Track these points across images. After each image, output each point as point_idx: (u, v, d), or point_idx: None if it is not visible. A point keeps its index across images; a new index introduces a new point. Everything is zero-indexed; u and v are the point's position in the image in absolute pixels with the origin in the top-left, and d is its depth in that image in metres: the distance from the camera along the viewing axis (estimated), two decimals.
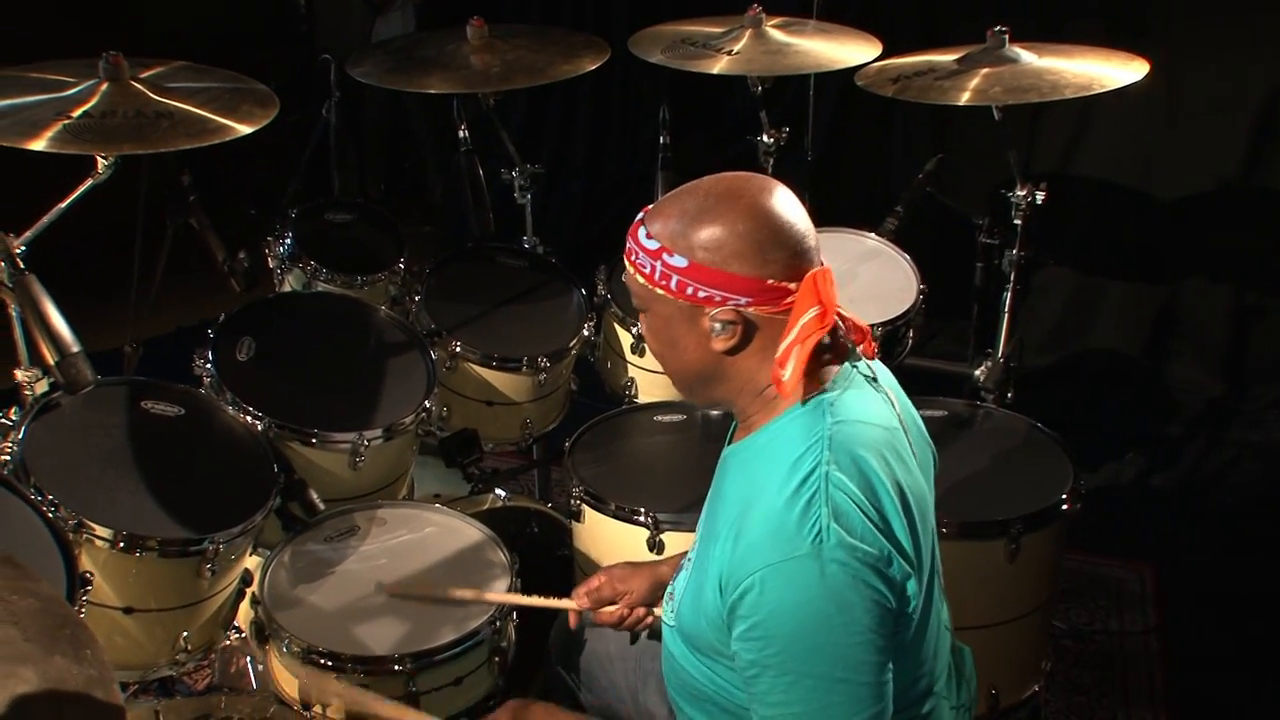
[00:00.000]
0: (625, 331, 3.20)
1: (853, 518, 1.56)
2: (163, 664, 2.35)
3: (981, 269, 3.67)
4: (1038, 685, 2.80)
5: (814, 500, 1.56)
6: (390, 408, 2.72)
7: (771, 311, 1.63)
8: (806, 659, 1.54)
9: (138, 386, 2.51)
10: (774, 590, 1.54)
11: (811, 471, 1.58)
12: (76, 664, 1.39)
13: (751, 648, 1.58)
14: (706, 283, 1.61)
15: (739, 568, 1.58)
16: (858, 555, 1.54)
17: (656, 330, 1.72)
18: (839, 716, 1.56)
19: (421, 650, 2.21)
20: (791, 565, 1.53)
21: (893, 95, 2.96)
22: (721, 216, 1.62)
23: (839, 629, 1.53)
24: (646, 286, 1.67)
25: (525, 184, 3.51)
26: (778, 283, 1.61)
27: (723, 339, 1.64)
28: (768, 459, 1.65)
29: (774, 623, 1.55)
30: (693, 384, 1.76)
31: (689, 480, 2.70)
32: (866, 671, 1.56)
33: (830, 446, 1.60)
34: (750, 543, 1.58)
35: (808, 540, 1.53)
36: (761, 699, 1.60)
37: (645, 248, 1.66)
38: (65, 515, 2.13)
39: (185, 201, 2.81)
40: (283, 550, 2.46)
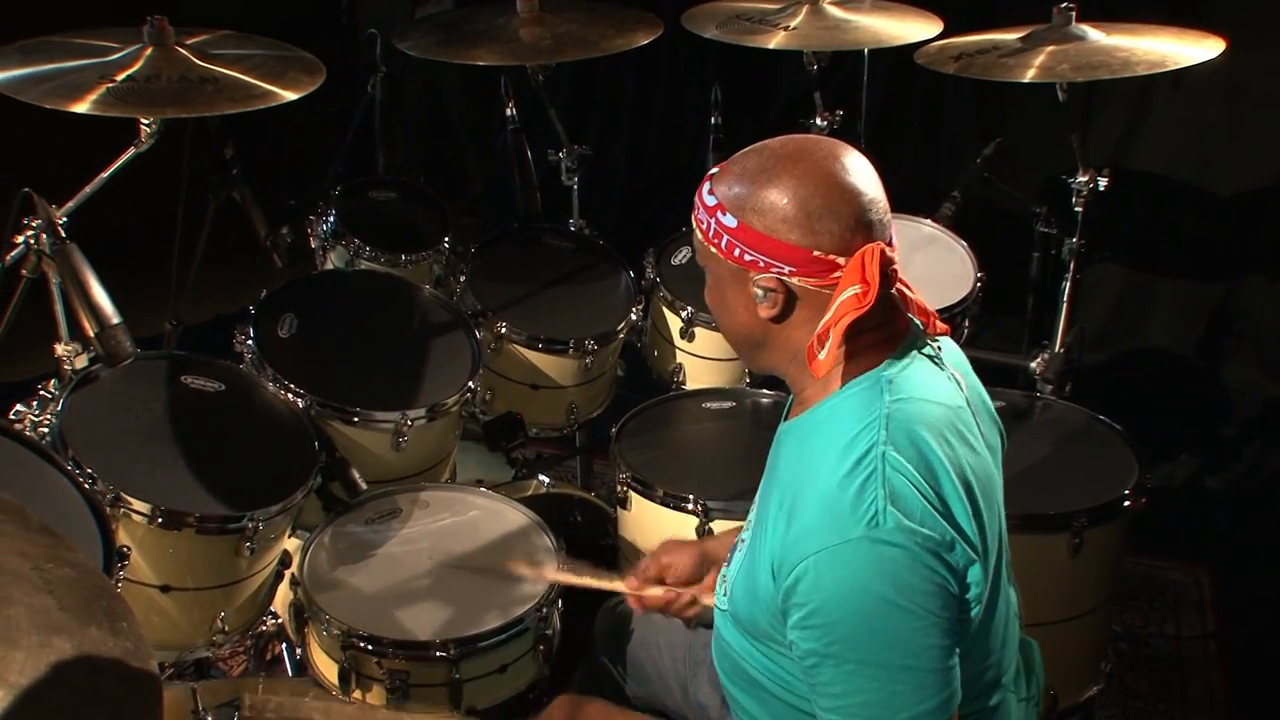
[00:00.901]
0: (674, 315, 3.13)
1: (911, 500, 1.48)
2: (200, 645, 2.30)
3: (1038, 259, 3.57)
4: (1097, 687, 2.70)
5: (869, 482, 1.48)
6: (434, 388, 2.65)
7: (817, 284, 1.55)
8: (867, 647, 1.46)
9: (178, 361, 2.47)
10: (828, 576, 1.47)
11: (867, 452, 1.51)
12: (112, 636, 1.34)
13: (809, 636, 1.50)
14: (752, 246, 1.55)
15: (791, 552, 1.50)
16: (916, 539, 1.46)
17: (711, 288, 1.68)
18: (905, 705, 1.47)
19: (465, 636, 2.15)
20: (846, 549, 1.46)
21: (955, 73, 2.86)
22: (778, 179, 1.55)
23: (899, 614, 1.45)
24: (703, 243, 1.62)
25: (572, 165, 3.43)
26: (825, 255, 1.53)
27: (765, 306, 1.58)
28: (822, 438, 1.57)
29: (830, 610, 1.47)
30: (742, 348, 1.72)
31: (739, 468, 2.63)
32: (932, 657, 1.47)
33: (887, 426, 1.53)
34: (803, 526, 1.50)
35: (862, 523, 1.46)
36: (823, 689, 1.52)
37: (705, 204, 1.60)
38: (103, 489, 2.08)
39: (228, 175, 2.75)
40: (323, 531, 2.40)
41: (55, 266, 2.22)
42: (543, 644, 2.27)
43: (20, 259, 2.26)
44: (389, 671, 2.13)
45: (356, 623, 2.15)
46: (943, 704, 1.49)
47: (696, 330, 3.09)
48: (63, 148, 2.74)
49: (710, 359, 3.14)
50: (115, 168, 2.40)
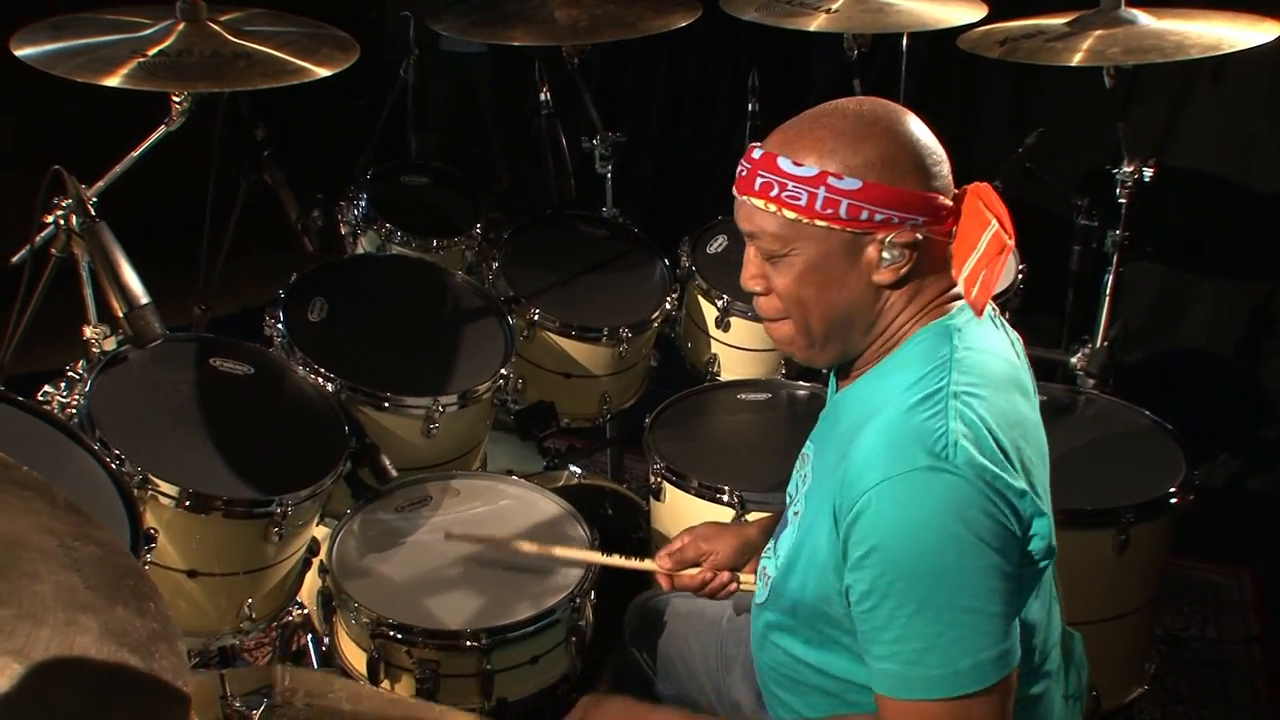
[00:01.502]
0: (710, 304, 3.07)
1: (981, 440, 1.42)
2: (226, 632, 2.26)
3: (1078, 252, 3.50)
4: (1141, 689, 2.64)
5: (938, 415, 1.42)
6: (466, 374, 2.60)
7: (938, 232, 1.51)
8: (929, 584, 1.39)
9: (206, 344, 2.43)
10: (892, 507, 1.39)
11: (936, 390, 1.45)
12: (139, 616, 1.29)
13: (867, 576, 1.42)
14: (885, 203, 1.47)
15: (852, 488, 1.43)
16: (986, 476, 1.39)
17: (803, 273, 1.53)
18: (966, 651, 1.40)
19: (497, 626, 2.10)
20: (912, 478, 1.39)
21: (999, 58, 2.79)
22: (886, 133, 1.50)
23: (966, 551, 1.38)
24: (799, 222, 1.49)
25: (606, 153, 3.38)
26: (944, 199, 1.51)
27: (892, 268, 1.51)
28: (886, 383, 1.52)
29: (893, 544, 1.39)
30: (832, 334, 1.57)
31: (776, 460, 2.58)
32: (996, 601, 1.40)
33: (959, 369, 1.48)
34: (864, 458, 1.43)
35: (933, 452, 1.39)
36: (878, 635, 1.44)
37: (798, 176, 1.49)
38: (130, 471, 2.04)
39: (259, 158, 2.70)
40: (352, 518, 2.36)
41: (85, 245, 2.19)
42: (575, 635, 2.22)
43: (50, 239, 2.23)
44: (419, 661, 2.09)
45: (386, 611, 2.11)
46: (1003, 655, 1.42)
47: (732, 320, 3.04)
48: (94, 128, 2.71)
49: (746, 349, 3.09)
50: (146, 146, 2.36)
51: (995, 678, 1.41)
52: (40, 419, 1.98)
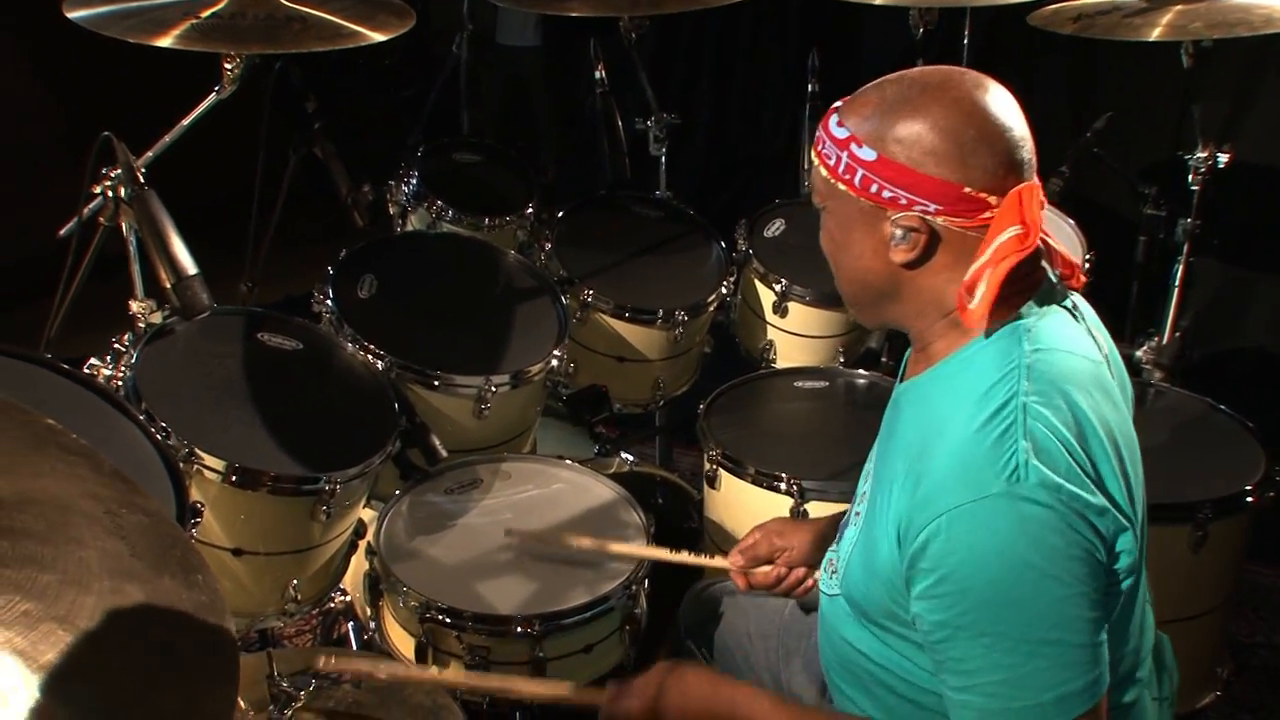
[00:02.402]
0: (767, 289, 2.99)
1: (1056, 455, 1.33)
2: (270, 613, 2.20)
3: (1144, 243, 3.39)
4: (1214, 694, 2.54)
5: (1009, 433, 1.34)
6: (519, 354, 2.54)
7: (963, 225, 1.41)
8: (1006, 617, 1.31)
9: (254, 318, 2.37)
10: (962, 536, 1.32)
11: (1006, 402, 1.36)
12: (186, 588, 1.24)
13: (938, 606, 1.35)
14: (894, 181, 1.41)
15: (920, 512, 1.36)
16: (1062, 497, 1.31)
17: (831, 231, 1.53)
18: (1049, 684, 1.32)
19: (550, 612, 2.03)
20: (983, 506, 1.31)
21: (1072, 34, 2.69)
22: (924, 109, 1.41)
23: (1043, 580, 1.30)
24: (828, 180, 1.47)
25: (661, 135, 3.30)
26: (976, 193, 1.40)
27: (902, 249, 1.44)
28: (952, 391, 1.43)
29: (964, 574, 1.32)
30: (863, 299, 1.56)
31: (834, 449, 2.52)
32: (1079, 631, 1.32)
33: (1029, 376, 1.38)
34: (933, 483, 1.36)
35: (1002, 477, 1.31)
36: (954, 667, 1.36)
37: (834, 136, 1.46)
38: (176, 444, 1.98)
39: (310, 130, 2.64)
40: (400, 500, 2.30)
41: (133, 214, 2.13)
42: (629, 624, 2.15)
43: (99, 209, 2.18)
44: (469, 647, 2.02)
45: (435, 594, 2.04)
46: (1090, 685, 1.33)
47: (790, 305, 2.97)
48: (144, 98, 2.66)
49: (803, 336, 3.01)
50: (197, 114, 2.31)
51: (1084, 707, 1.33)
52: (86, 388, 1.92)
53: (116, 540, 1.22)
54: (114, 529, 1.23)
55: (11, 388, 1.87)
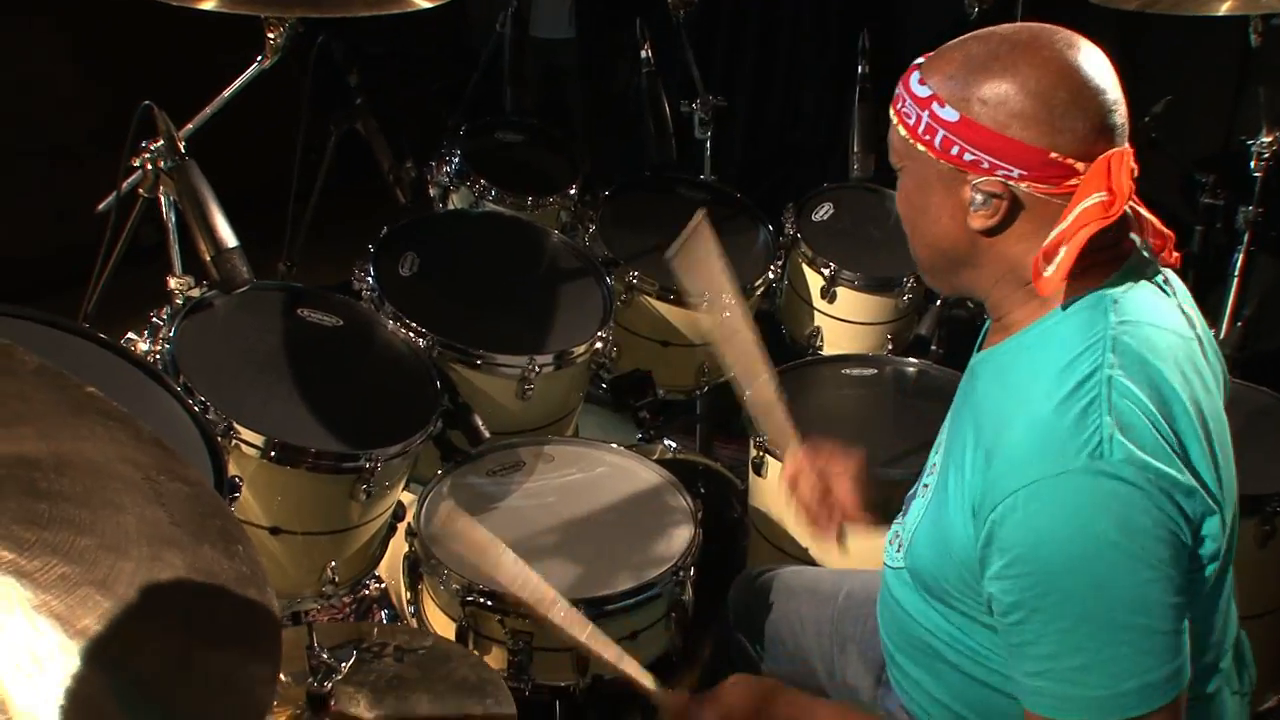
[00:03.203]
0: (815, 274, 2.93)
1: (1142, 431, 1.26)
2: (308, 595, 2.16)
3: (1201, 232, 3.30)
4: None
5: (1092, 407, 1.26)
6: (563, 334, 2.49)
7: (1048, 192, 1.34)
8: (1085, 599, 1.24)
9: (294, 293, 2.33)
10: (1040, 513, 1.25)
11: (1090, 375, 1.29)
12: (227, 558, 1.18)
13: (1012, 587, 1.28)
14: (977, 144, 1.34)
15: (995, 487, 1.29)
16: (1148, 475, 1.23)
17: (909, 193, 1.46)
18: (1129, 673, 1.25)
19: (596, 597, 1.96)
20: (1062, 482, 1.24)
21: (1136, 9, 2.60)
22: (1012, 69, 1.33)
23: (1125, 561, 1.23)
24: (907, 140, 1.41)
25: (706, 117, 3.24)
26: (1063, 158, 1.33)
27: (982, 215, 1.37)
28: (1031, 362, 1.37)
29: (1041, 554, 1.25)
30: (937, 265, 1.49)
31: (884, 437, 2.45)
32: (1161, 617, 1.25)
33: (1115, 349, 1.31)
34: (1010, 457, 1.29)
35: (1084, 453, 1.24)
36: (1027, 651, 1.29)
37: (915, 94, 1.39)
38: (214, 418, 1.93)
39: (352, 105, 2.60)
40: (442, 481, 2.25)
41: (173, 185, 2.09)
42: (676, 611, 2.09)
43: (137, 184, 2.14)
44: (511, 632, 1.97)
45: (477, 577, 1.98)
46: (1172, 675, 1.26)
47: (839, 290, 2.90)
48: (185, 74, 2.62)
49: (851, 322, 2.94)
50: (238, 84, 2.28)
51: (1165, 699, 1.26)
52: (124, 359, 1.88)
53: (156, 507, 1.17)
54: (153, 496, 1.18)
55: (48, 356, 1.83)
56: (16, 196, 3.90)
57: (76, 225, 2.36)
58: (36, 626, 0.95)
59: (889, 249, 3.00)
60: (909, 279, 2.90)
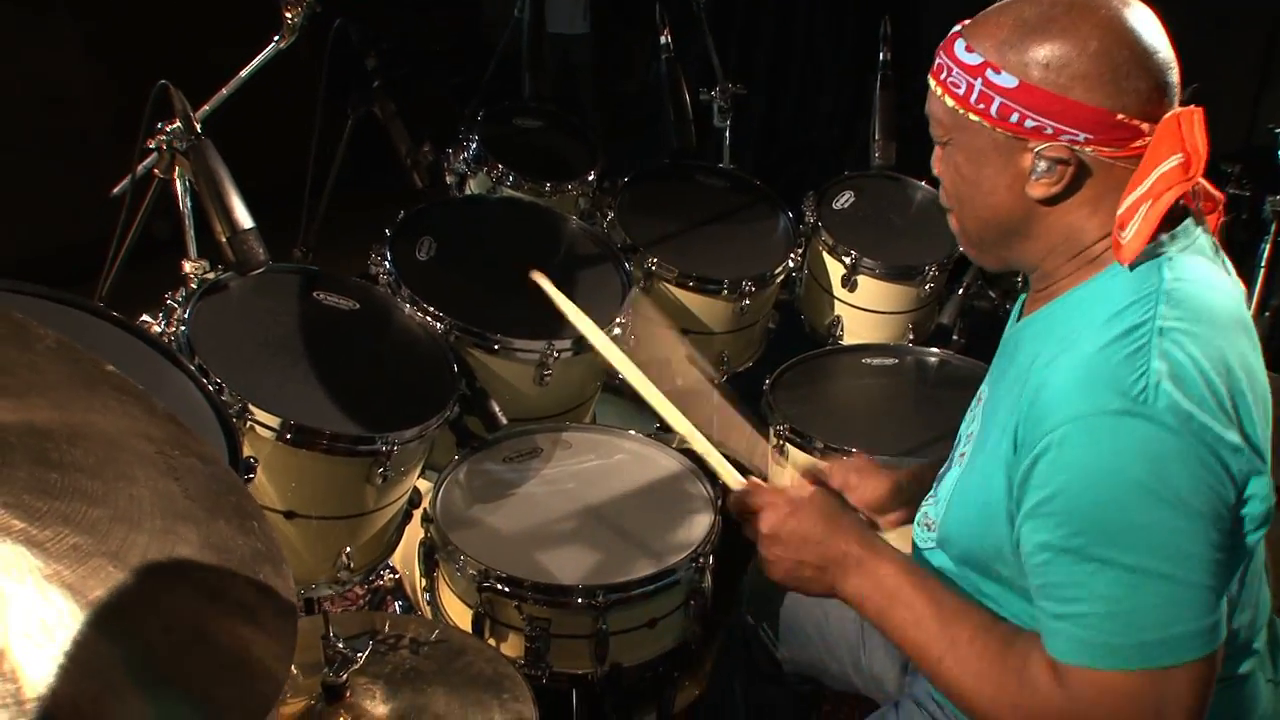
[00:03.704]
0: (836, 262, 2.89)
1: (1191, 383, 1.21)
2: (322, 581, 2.12)
3: (1227, 224, 3.24)
4: None
5: (1141, 352, 1.22)
6: None
7: (1113, 155, 1.30)
8: (1116, 542, 1.20)
9: (310, 276, 2.30)
10: (1077, 451, 1.21)
11: (1141, 324, 1.25)
12: (242, 534, 1.16)
13: (1044, 525, 1.24)
14: (1039, 109, 1.29)
15: (1037, 424, 1.24)
16: (1193, 426, 1.19)
17: (958, 166, 1.40)
18: (1155, 624, 1.20)
19: (615, 583, 1.94)
20: (1104, 421, 1.20)
21: None
22: (1071, 30, 1.29)
23: (1160, 508, 1.18)
24: (956, 111, 1.36)
25: (725, 105, 3.21)
26: (1129, 119, 1.28)
27: (1044, 182, 1.33)
28: (1082, 314, 1.33)
29: (1076, 492, 1.21)
30: (988, 238, 1.44)
31: (905, 427, 2.42)
32: (1194, 568, 1.20)
33: (1169, 302, 1.26)
34: (1053, 396, 1.24)
35: (1129, 395, 1.19)
36: (1053, 593, 1.25)
37: (962, 62, 1.34)
38: (230, 400, 1.90)
39: (369, 88, 2.56)
40: (458, 467, 2.22)
41: (189, 165, 2.07)
42: (695, 599, 2.05)
43: (153, 165, 2.12)
44: (529, 618, 1.94)
45: (494, 563, 1.96)
46: (1200, 633, 1.21)
47: (860, 279, 2.86)
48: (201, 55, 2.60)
49: (872, 311, 2.91)
50: (255, 64, 2.25)
51: (1191, 655, 1.21)
52: (140, 339, 1.85)
53: (170, 481, 1.15)
54: (167, 470, 1.16)
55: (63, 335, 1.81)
56: (29, 189, 3.88)
57: (90, 219, 2.34)
58: (47, 596, 0.92)
59: (911, 237, 2.97)
60: (931, 267, 2.86)
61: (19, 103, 3.88)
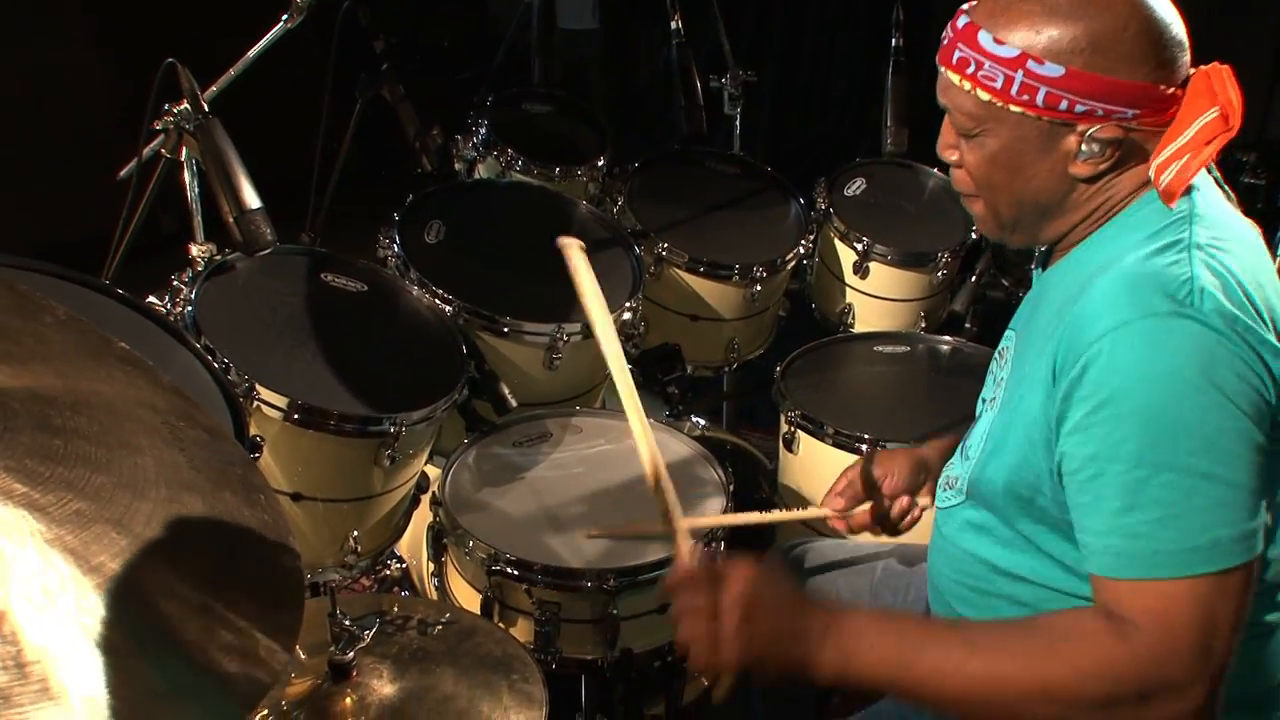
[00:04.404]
0: (848, 248, 2.86)
1: (1231, 289, 1.23)
2: (329, 565, 2.10)
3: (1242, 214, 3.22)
4: None
5: (1181, 262, 1.24)
6: None
7: (1155, 124, 1.31)
8: (1167, 443, 1.19)
9: (318, 258, 2.28)
10: (1128, 354, 1.21)
11: (1178, 240, 1.28)
12: (248, 505, 1.14)
13: (1092, 437, 1.23)
14: (1089, 94, 1.30)
15: (1081, 336, 1.25)
16: (1238, 327, 1.20)
17: (994, 156, 1.39)
18: (1205, 526, 1.20)
19: (625, 566, 1.91)
20: (1151, 324, 1.21)
21: None
22: (1105, 12, 1.30)
23: (1211, 407, 1.19)
24: (993, 104, 1.35)
25: (736, 93, 3.18)
26: (1169, 89, 1.30)
27: (1092, 162, 1.34)
28: (1114, 243, 1.35)
29: (1126, 396, 1.20)
30: (1024, 220, 1.44)
31: (917, 414, 2.40)
32: (1243, 470, 1.20)
33: (1200, 223, 1.29)
34: (1097, 307, 1.25)
35: (1177, 297, 1.21)
36: (1099, 507, 1.24)
37: (995, 55, 1.33)
38: (236, 379, 1.88)
39: (378, 71, 2.54)
40: (467, 451, 2.20)
41: (196, 146, 2.05)
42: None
43: (160, 146, 2.11)
44: (538, 602, 1.92)
45: (503, 546, 1.93)
46: (1243, 537, 1.20)
47: (871, 265, 2.84)
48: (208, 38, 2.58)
49: (884, 299, 2.88)
50: (261, 45, 2.23)
51: (1236, 560, 1.21)
52: (145, 317, 1.83)
53: (175, 451, 1.13)
54: (173, 440, 1.14)
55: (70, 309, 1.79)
56: (35, 181, 3.86)
57: (97, 211, 2.32)
58: (49, 560, 0.91)
59: (923, 224, 2.94)
60: (943, 254, 2.84)
61: (27, 93, 3.86)
